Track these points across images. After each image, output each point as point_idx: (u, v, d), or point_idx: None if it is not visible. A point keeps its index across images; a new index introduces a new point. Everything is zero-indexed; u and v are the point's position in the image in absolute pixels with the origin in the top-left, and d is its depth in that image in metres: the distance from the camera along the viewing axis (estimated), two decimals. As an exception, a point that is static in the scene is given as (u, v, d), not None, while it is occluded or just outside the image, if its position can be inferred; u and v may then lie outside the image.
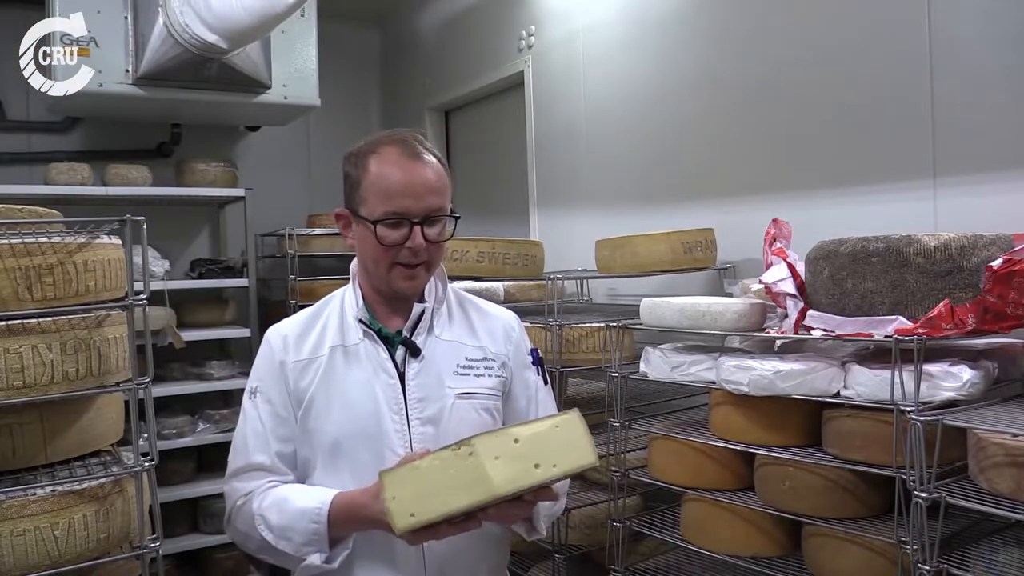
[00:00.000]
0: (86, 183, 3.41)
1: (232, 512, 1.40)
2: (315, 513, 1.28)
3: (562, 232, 3.35)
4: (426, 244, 1.34)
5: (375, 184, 1.33)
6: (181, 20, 2.95)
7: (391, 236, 1.32)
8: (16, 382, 1.59)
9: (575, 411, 1.21)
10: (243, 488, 1.39)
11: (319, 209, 4.30)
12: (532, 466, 1.15)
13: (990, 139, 1.90)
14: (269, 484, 1.38)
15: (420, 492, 1.14)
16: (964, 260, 1.53)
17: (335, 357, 1.40)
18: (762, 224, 2.03)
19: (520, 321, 1.55)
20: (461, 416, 1.39)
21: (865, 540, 1.61)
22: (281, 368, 1.40)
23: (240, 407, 1.45)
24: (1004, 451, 1.33)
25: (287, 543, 1.30)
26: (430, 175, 1.34)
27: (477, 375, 1.43)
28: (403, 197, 1.31)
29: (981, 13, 1.92)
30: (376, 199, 1.33)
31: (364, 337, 1.40)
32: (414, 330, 1.42)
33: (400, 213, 1.32)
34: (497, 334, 1.49)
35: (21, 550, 1.56)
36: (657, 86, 2.86)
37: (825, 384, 1.67)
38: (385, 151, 1.34)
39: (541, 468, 1.15)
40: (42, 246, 1.63)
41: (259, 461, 1.39)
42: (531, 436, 1.17)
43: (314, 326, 1.44)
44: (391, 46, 4.85)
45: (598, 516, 2.43)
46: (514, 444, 1.15)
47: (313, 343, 1.42)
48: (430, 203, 1.33)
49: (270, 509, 1.33)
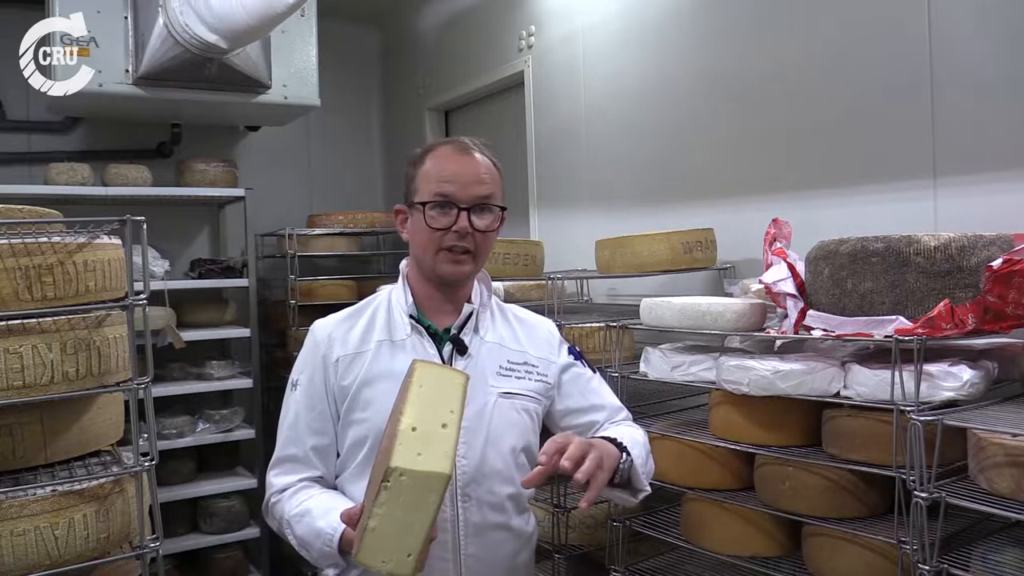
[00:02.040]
0: (86, 183, 3.41)
1: (268, 505, 1.48)
2: (328, 538, 1.33)
3: (562, 232, 3.35)
4: (473, 232, 1.39)
5: (428, 173, 1.42)
6: (181, 20, 2.95)
7: (439, 220, 1.39)
8: (16, 382, 1.60)
9: (414, 361, 1.24)
10: (277, 484, 1.45)
11: (319, 209, 4.31)
12: (440, 428, 1.16)
13: (990, 139, 1.90)
14: (300, 484, 1.44)
15: (396, 538, 1.13)
16: (964, 260, 1.53)
17: (381, 351, 1.45)
18: (762, 224, 2.03)
19: (556, 327, 1.64)
20: (503, 414, 1.44)
21: (865, 540, 1.61)
22: (324, 363, 1.45)
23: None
24: (1004, 451, 1.34)
25: (307, 553, 1.38)
26: (480, 167, 1.42)
27: (518, 377, 1.49)
28: (451, 183, 1.39)
29: (981, 13, 1.92)
30: (427, 185, 1.41)
31: (412, 332, 1.45)
32: (462, 329, 1.47)
33: (447, 195, 1.39)
34: (539, 340, 1.56)
35: (21, 550, 1.56)
36: (657, 86, 2.86)
37: (825, 384, 1.67)
38: (441, 148, 1.45)
39: (447, 424, 1.16)
40: (42, 246, 1.64)
41: (291, 453, 1.45)
42: (415, 412, 1.16)
43: (360, 321, 1.49)
44: (391, 46, 4.85)
45: (598, 516, 2.43)
46: (413, 432, 1.14)
47: (359, 337, 1.46)
48: (477, 191, 1.40)
49: (295, 519, 1.39)
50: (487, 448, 1.42)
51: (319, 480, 1.46)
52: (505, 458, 1.44)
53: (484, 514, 1.42)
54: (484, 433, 1.42)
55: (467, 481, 1.40)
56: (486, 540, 1.42)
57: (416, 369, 1.22)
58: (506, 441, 1.44)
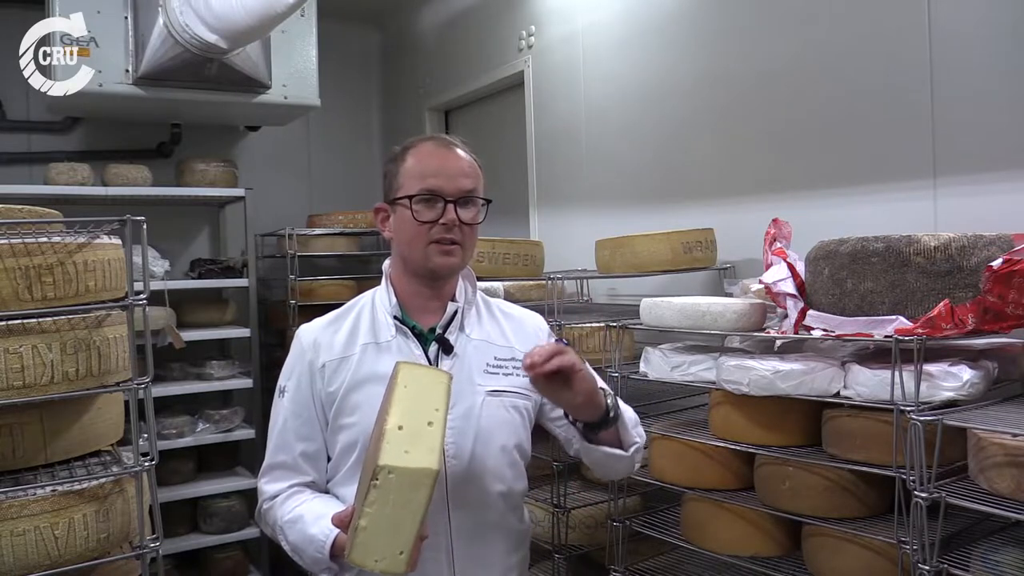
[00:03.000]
0: (86, 183, 3.41)
1: (260, 512, 1.48)
2: (320, 544, 1.33)
3: (562, 232, 3.35)
4: (459, 223, 1.39)
5: (411, 169, 1.42)
6: (181, 20, 2.95)
7: (426, 213, 1.39)
8: (16, 382, 1.60)
9: (398, 363, 1.25)
10: (269, 491, 1.45)
11: (319, 209, 4.31)
12: (426, 425, 1.16)
13: (990, 139, 1.89)
14: (291, 489, 1.44)
15: (387, 536, 1.13)
16: (964, 260, 1.53)
17: (367, 354, 1.44)
18: (762, 224, 2.03)
19: (545, 321, 1.62)
20: (492, 412, 1.43)
21: (865, 540, 1.61)
22: (310, 368, 1.45)
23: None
24: (1004, 451, 1.34)
25: (299, 559, 1.38)
26: (463, 161, 1.43)
27: (506, 374, 1.48)
28: (437, 177, 1.39)
29: (981, 12, 1.92)
30: (412, 180, 1.41)
31: (397, 333, 1.45)
32: (447, 328, 1.46)
33: (434, 190, 1.39)
34: (526, 334, 1.54)
35: (21, 550, 1.56)
36: (657, 86, 2.86)
37: (825, 384, 1.67)
38: (421, 145, 1.45)
39: (433, 422, 1.17)
40: (42, 246, 1.64)
41: (281, 460, 1.45)
42: (400, 412, 1.17)
43: (344, 325, 1.48)
44: (391, 46, 4.85)
45: (598, 516, 2.43)
46: (400, 431, 1.15)
47: (345, 341, 1.46)
48: (463, 184, 1.41)
49: (287, 525, 1.39)
50: (477, 447, 1.41)
51: (311, 485, 1.46)
52: (496, 457, 1.43)
53: (476, 513, 1.41)
54: (473, 433, 1.41)
55: (458, 481, 1.39)
56: (479, 539, 1.42)
57: (400, 370, 1.23)
58: (496, 440, 1.43)
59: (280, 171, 4.43)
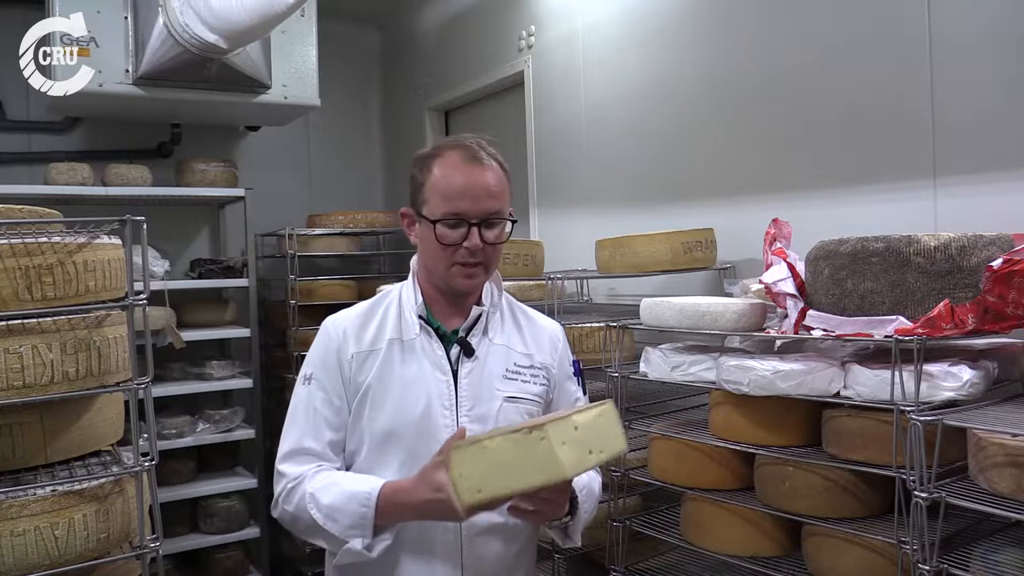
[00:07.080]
0: (86, 183, 3.41)
1: (281, 495, 1.43)
2: (365, 496, 1.32)
3: (562, 232, 3.35)
4: (483, 245, 1.39)
5: (437, 186, 1.39)
6: (181, 20, 2.95)
7: (450, 236, 1.38)
8: (16, 382, 1.60)
9: (609, 402, 1.27)
10: (293, 472, 1.42)
11: (319, 209, 4.31)
12: (587, 452, 1.19)
13: (990, 139, 1.89)
14: (318, 468, 1.43)
15: (488, 470, 1.16)
16: (964, 260, 1.53)
17: (392, 350, 1.45)
18: (762, 224, 2.03)
19: (564, 333, 1.62)
20: (508, 418, 1.44)
21: (865, 540, 1.61)
22: (338, 358, 1.45)
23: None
24: (1004, 451, 1.33)
25: (334, 524, 1.34)
26: (490, 179, 1.41)
27: (524, 381, 1.49)
28: (462, 199, 1.38)
29: (981, 13, 1.92)
30: (437, 200, 1.39)
31: (421, 332, 1.46)
32: (470, 331, 1.47)
33: (459, 214, 1.38)
34: (544, 344, 1.55)
35: (21, 550, 1.56)
36: (657, 86, 2.86)
37: (825, 384, 1.67)
38: (448, 155, 1.41)
39: (593, 454, 1.20)
40: (42, 246, 1.64)
41: (310, 446, 1.44)
42: (585, 424, 1.20)
43: (373, 319, 1.49)
44: (391, 46, 4.85)
45: (598, 516, 2.40)
46: (574, 431, 1.19)
47: (372, 335, 1.47)
48: (488, 206, 1.40)
49: (321, 490, 1.37)
50: None
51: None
52: None
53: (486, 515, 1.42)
54: None
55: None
56: (488, 540, 1.43)
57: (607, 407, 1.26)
58: None
59: (280, 171, 4.43)
